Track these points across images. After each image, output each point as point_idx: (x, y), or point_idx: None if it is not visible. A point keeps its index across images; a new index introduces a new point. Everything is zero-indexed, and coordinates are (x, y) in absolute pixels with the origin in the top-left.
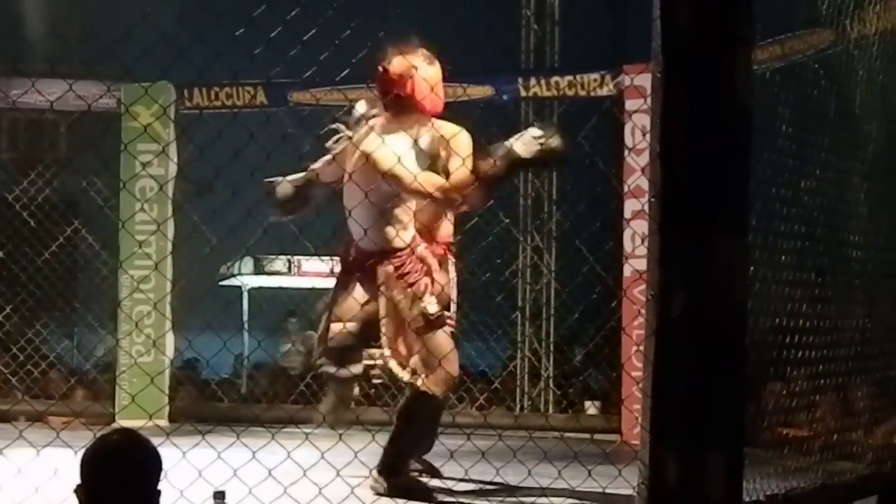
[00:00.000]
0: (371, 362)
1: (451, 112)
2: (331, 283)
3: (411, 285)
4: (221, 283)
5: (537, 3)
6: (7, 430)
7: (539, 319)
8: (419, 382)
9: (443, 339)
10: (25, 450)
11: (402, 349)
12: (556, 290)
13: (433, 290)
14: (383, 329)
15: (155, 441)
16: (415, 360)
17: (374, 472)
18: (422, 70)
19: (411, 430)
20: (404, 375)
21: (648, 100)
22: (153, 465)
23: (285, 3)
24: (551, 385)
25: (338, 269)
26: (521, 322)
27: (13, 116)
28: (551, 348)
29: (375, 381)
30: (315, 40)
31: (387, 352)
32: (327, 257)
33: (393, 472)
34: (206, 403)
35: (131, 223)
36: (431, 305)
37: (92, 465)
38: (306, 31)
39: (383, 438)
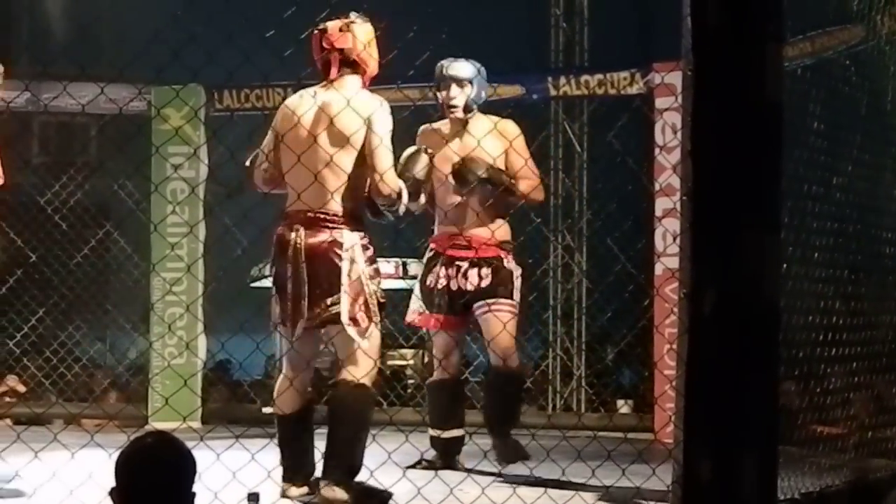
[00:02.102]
0: (403, 363)
1: (482, 111)
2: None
3: (373, 262)
4: (253, 284)
5: (566, 1)
6: (41, 433)
7: (571, 318)
8: (349, 376)
9: (377, 331)
10: (60, 452)
11: (362, 320)
12: (587, 289)
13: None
14: (345, 293)
15: (188, 443)
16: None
17: (331, 487)
18: (358, 25)
19: (360, 426)
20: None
21: (679, 98)
22: (187, 467)
23: (315, 5)
24: (583, 384)
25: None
26: (553, 321)
27: (44, 120)
28: (583, 347)
29: (408, 381)
30: None
31: (346, 318)
32: None
33: (355, 475)
34: (238, 405)
35: (163, 226)
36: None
37: (126, 467)
38: None
39: (416, 439)
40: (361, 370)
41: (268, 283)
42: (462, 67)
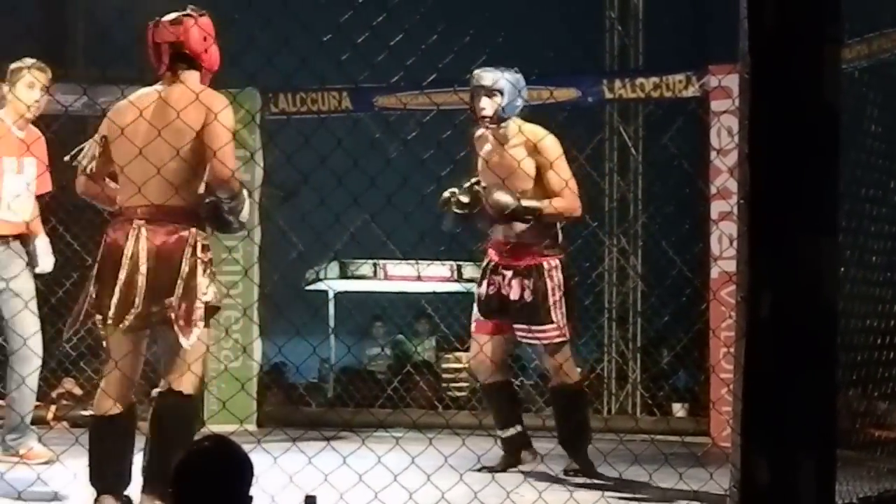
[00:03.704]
0: (459, 365)
1: (538, 115)
2: (416, 286)
3: (211, 262)
4: (308, 287)
5: (621, 4)
6: None
7: (626, 322)
8: (175, 387)
9: (205, 337)
10: None
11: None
12: (642, 293)
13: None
14: (178, 292)
15: (245, 447)
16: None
17: (154, 502)
18: (192, 19)
19: (185, 438)
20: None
21: (736, 101)
22: (244, 470)
23: (371, 9)
24: (639, 388)
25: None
26: (608, 325)
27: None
28: (638, 351)
29: (463, 384)
30: (401, 45)
31: (178, 319)
32: (413, 261)
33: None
34: (293, 408)
35: None
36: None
37: (184, 471)
38: (392, 36)
39: (473, 443)
40: (187, 379)
41: (323, 286)
42: (491, 76)
